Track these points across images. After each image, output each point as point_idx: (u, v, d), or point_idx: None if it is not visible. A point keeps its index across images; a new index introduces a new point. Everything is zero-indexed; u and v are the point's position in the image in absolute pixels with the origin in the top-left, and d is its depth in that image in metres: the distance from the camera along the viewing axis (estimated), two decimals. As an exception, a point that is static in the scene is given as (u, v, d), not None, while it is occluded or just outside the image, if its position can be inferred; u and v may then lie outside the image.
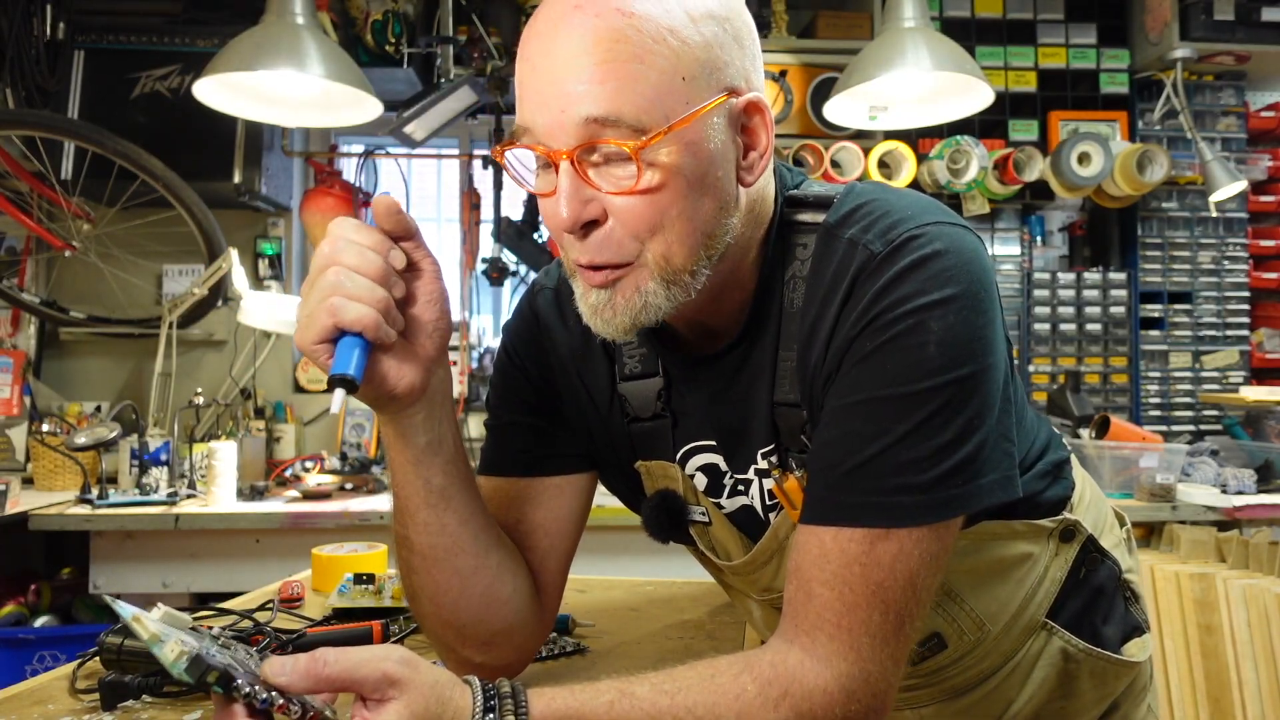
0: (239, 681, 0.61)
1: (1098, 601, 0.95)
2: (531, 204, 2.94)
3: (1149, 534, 2.31)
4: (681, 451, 0.90)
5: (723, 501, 0.90)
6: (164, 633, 0.65)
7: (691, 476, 0.90)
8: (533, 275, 3.05)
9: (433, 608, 0.85)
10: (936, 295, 0.71)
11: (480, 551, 0.85)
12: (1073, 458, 0.99)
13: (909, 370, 0.70)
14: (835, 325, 0.75)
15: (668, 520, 0.92)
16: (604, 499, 0.98)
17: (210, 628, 0.79)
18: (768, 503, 0.87)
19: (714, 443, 0.89)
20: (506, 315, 3.22)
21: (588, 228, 0.72)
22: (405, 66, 2.79)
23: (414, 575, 0.84)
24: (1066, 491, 0.93)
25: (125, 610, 0.67)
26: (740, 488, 0.89)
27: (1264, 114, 3.17)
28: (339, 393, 0.69)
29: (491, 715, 0.65)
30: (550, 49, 0.70)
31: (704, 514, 0.91)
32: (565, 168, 0.71)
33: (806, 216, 0.81)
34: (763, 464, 0.85)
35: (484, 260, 3.06)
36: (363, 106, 2.27)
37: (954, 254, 0.72)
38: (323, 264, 0.71)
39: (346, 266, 0.71)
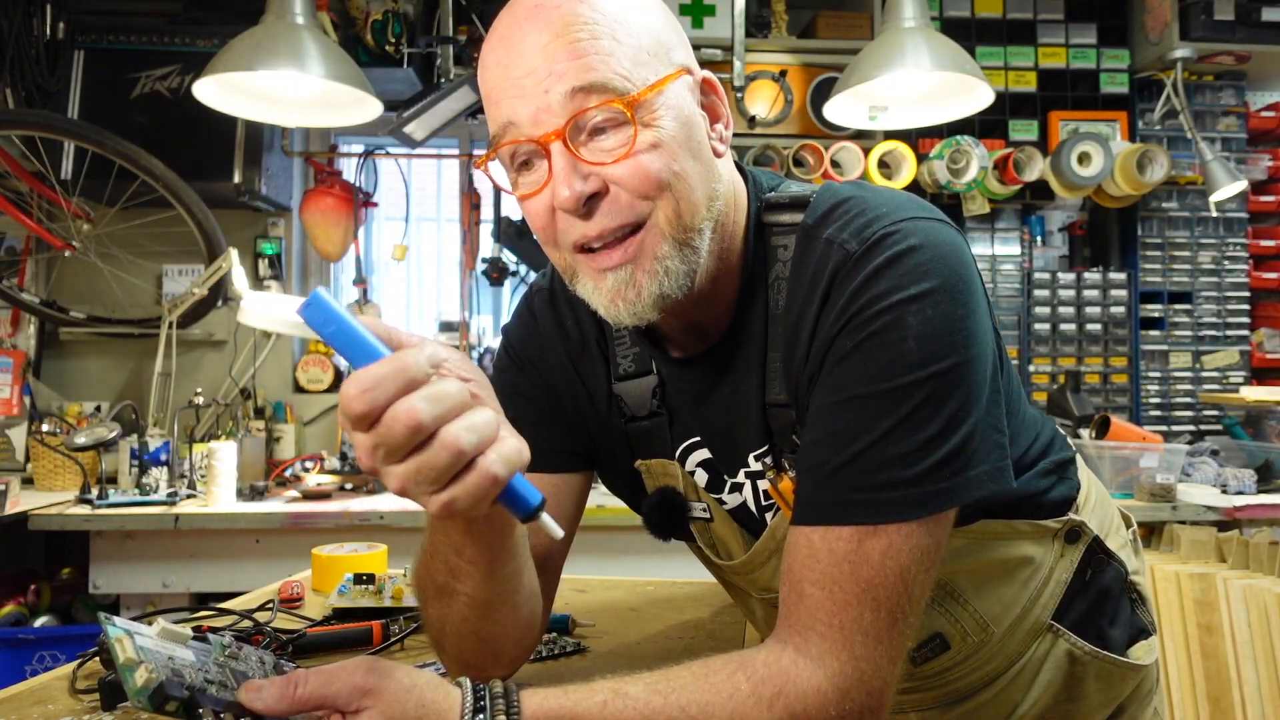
0: (201, 710, 0.62)
1: (1104, 604, 0.95)
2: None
3: (1149, 534, 2.31)
4: (680, 448, 0.90)
5: (724, 497, 0.90)
6: (142, 656, 0.65)
7: (692, 473, 0.91)
8: (533, 275, 3.06)
9: (479, 644, 0.83)
10: (913, 290, 0.71)
11: (533, 580, 0.85)
12: (1078, 458, 0.98)
13: (889, 366, 0.70)
14: (816, 325, 0.75)
15: (668, 518, 0.93)
16: (604, 499, 0.99)
17: (222, 634, 0.79)
18: (763, 504, 0.88)
19: (701, 440, 0.89)
20: (506, 315, 3.23)
21: (590, 202, 0.73)
22: (405, 66, 2.79)
23: (464, 624, 0.80)
24: (1072, 492, 0.93)
25: (114, 628, 0.67)
26: (734, 489, 0.89)
27: (1264, 114, 3.17)
28: (548, 519, 0.66)
29: (482, 716, 0.65)
30: (520, 47, 0.72)
31: (705, 510, 0.91)
32: (558, 149, 0.72)
33: (785, 218, 0.82)
34: (755, 466, 0.86)
35: (484, 260, 3.06)
36: (363, 106, 2.27)
37: (929, 248, 0.72)
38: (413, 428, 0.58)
39: (455, 419, 0.60)
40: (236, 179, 2.77)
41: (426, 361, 0.59)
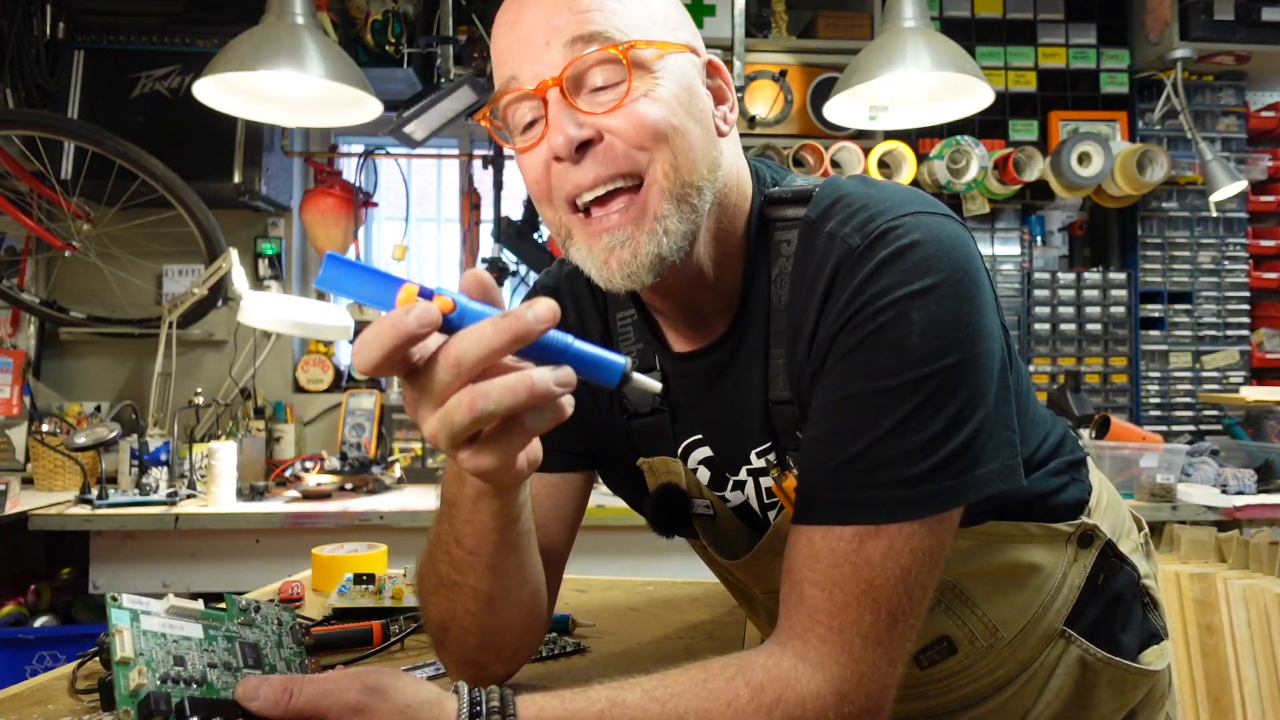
0: None
1: (1116, 609, 0.94)
2: (531, 204, 2.94)
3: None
4: (683, 446, 0.90)
5: (727, 495, 0.90)
6: (141, 647, 0.66)
7: (694, 470, 0.90)
8: (533, 275, 3.07)
9: (482, 639, 0.82)
10: (917, 285, 0.70)
11: (538, 576, 0.85)
12: (1090, 460, 0.97)
13: (892, 363, 0.70)
14: (818, 321, 0.74)
15: (671, 514, 0.92)
16: (604, 499, 0.99)
17: (240, 598, 0.80)
18: (765, 501, 0.87)
19: (703, 438, 0.89)
20: (506, 315, 3.23)
21: (583, 148, 0.72)
22: (405, 66, 2.80)
23: (468, 617, 0.80)
24: (1084, 494, 0.92)
25: (119, 610, 0.67)
26: (737, 484, 0.89)
27: (1264, 114, 3.17)
28: (641, 378, 0.61)
29: None
30: (527, 5, 0.74)
31: (708, 507, 0.91)
32: (554, 96, 0.72)
33: (789, 212, 0.82)
34: (758, 463, 0.85)
35: (484, 260, 3.06)
36: (363, 106, 2.27)
37: (933, 243, 0.72)
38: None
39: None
40: (236, 179, 2.77)
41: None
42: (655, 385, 0.62)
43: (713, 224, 0.78)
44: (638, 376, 0.61)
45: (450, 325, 0.57)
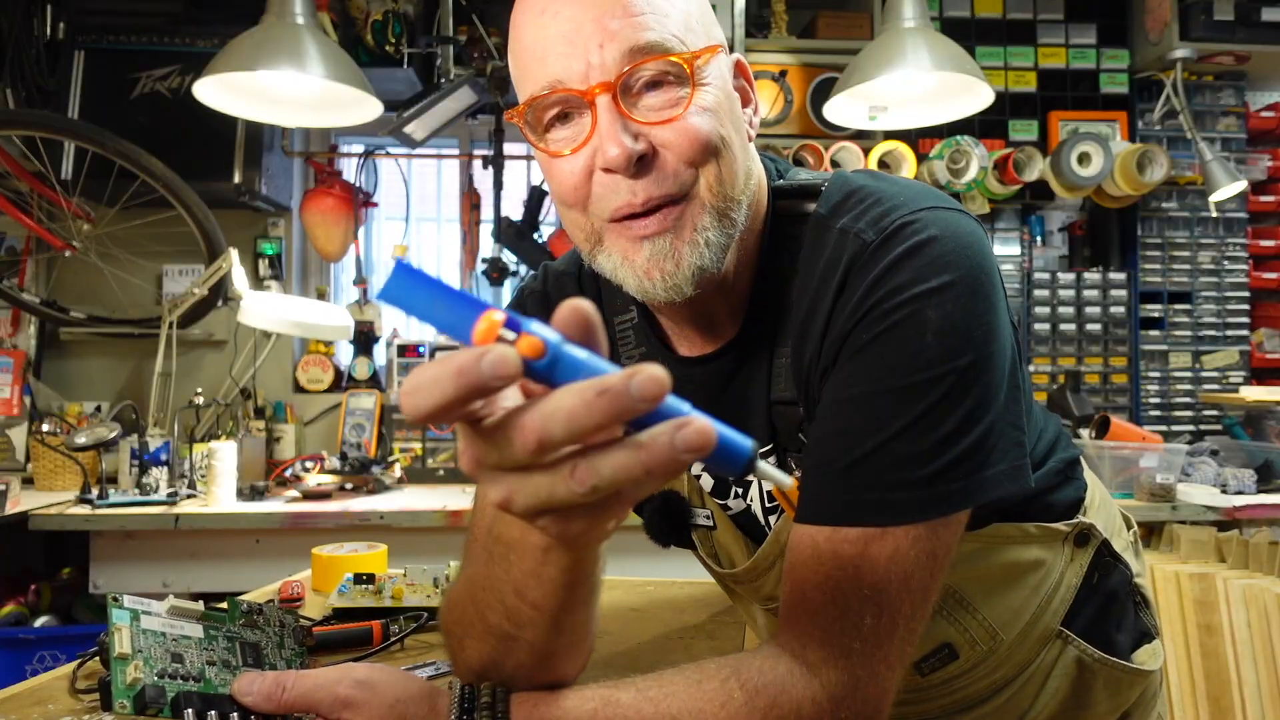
0: (188, 714, 0.62)
1: (1110, 608, 0.94)
2: (531, 204, 2.94)
3: (1149, 534, 2.31)
4: None
5: (729, 503, 0.89)
6: (139, 645, 0.66)
7: (698, 477, 0.89)
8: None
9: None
10: (933, 283, 0.69)
11: (598, 621, 0.72)
12: (1081, 458, 0.97)
13: (907, 362, 0.68)
14: (830, 318, 0.73)
15: (669, 524, 0.91)
16: (604, 499, 0.98)
17: (242, 602, 0.80)
18: (767, 505, 0.86)
19: None
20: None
21: (640, 163, 0.70)
22: (405, 66, 2.79)
23: (518, 671, 0.68)
24: (1079, 493, 0.91)
25: (120, 610, 0.68)
26: (740, 491, 0.88)
27: (1264, 114, 3.17)
28: (767, 467, 0.48)
29: None
30: (566, 1, 0.70)
31: (708, 517, 0.90)
32: (605, 103, 0.69)
33: (795, 207, 0.80)
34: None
35: (484, 260, 3.06)
36: (363, 106, 2.27)
37: (949, 239, 0.70)
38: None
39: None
40: (236, 179, 2.77)
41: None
42: (787, 480, 0.49)
43: (742, 228, 0.77)
44: (764, 465, 0.47)
45: (536, 373, 0.43)
